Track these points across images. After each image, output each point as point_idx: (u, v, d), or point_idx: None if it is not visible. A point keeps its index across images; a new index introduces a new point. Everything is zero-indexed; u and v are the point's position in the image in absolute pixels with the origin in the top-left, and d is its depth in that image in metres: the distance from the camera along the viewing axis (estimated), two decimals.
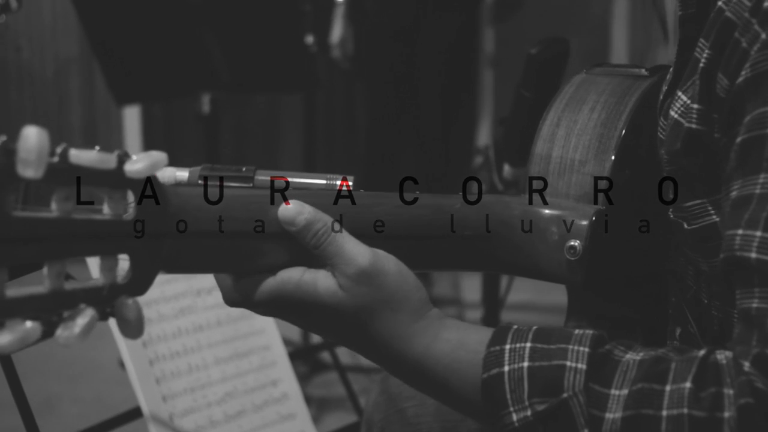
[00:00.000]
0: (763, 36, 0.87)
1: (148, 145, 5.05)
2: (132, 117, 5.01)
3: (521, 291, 3.12)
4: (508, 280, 2.94)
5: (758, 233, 0.84)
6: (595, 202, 1.06)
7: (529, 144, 1.13)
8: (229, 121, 4.90)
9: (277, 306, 0.94)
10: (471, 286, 3.99)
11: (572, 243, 1.03)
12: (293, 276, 0.92)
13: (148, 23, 3.09)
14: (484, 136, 5.05)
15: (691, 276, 1.05)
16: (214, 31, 3.06)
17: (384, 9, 4.04)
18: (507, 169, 1.96)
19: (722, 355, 0.86)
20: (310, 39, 3.40)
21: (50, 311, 0.76)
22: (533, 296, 3.68)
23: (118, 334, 1.40)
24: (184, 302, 1.68)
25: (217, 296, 1.61)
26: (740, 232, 0.86)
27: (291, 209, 0.91)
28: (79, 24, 3.24)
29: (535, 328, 0.93)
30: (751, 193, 0.86)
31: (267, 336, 1.75)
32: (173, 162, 0.85)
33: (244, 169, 1.01)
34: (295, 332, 3.36)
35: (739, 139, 0.88)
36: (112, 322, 0.83)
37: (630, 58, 4.78)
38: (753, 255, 0.84)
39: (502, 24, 5.06)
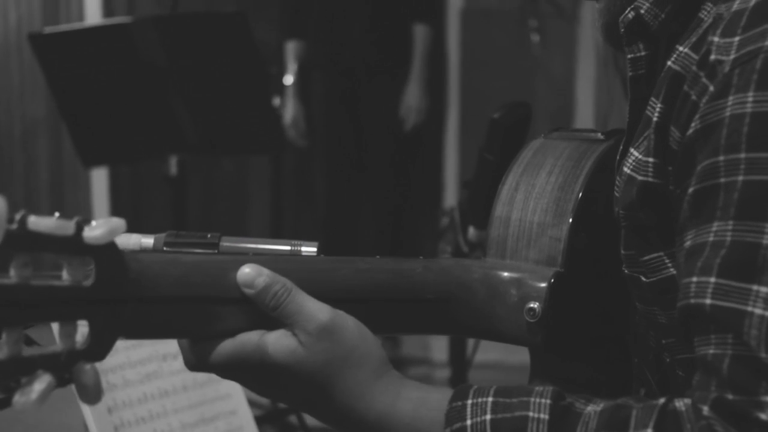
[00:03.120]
0: (711, 88, 0.89)
1: (116, 206, 5.03)
2: (99, 178, 5.00)
3: (488, 350, 3.12)
4: (475, 339, 2.94)
5: (712, 279, 0.85)
6: (554, 264, 1.07)
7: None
8: (197, 183, 4.90)
9: (235, 369, 0.94)
10: (439, 346, 3.99)
11: (531, 305, 1.04)
12: (252, 338, 0.92)
13: (115, 86, 3.10)
14: (450, 198, 5.08)
15: (652, 337, 1.06)
16: (181, 93, 3.08)
17: (328, 79, 4.19)
18: (472, 231, 1.98)
19: (681, 402, 0.87)
20: (277, 101, 3.43)
21: (8, 377, 0.76)
22: (500, 356, 3.68)
23: None
24: (149, 367, 1.67)
25: None
26: (695, 279, 0.86)
27: (249, 273, 0.92)
28: (47, 86, 3.24)
29: (496, 386, 0.94)
30: (705, 242, 0.86)
31: (233, 401, 1.74)
32: (140, 223, 0.85)
33: (209, 236, 1.02)
34: None
35: (691, 190, 0.89)
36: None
37: (595, 118, 4.83)
38: (708, 301, 0.85)
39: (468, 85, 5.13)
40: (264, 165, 4.76)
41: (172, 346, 1.70)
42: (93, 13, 4.97)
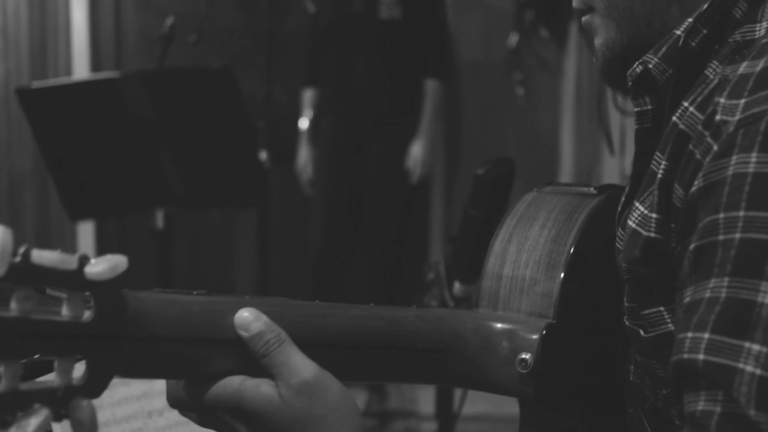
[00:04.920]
0: (715, 148, 0.90)
1: None
2: (86, 232, 5.00)
3: (476, 403, 3.12)
4: (462, 391, 2.93)
5: (706, 335, 0.85)
6: (546, 316, 1.08)
7: (478, 262, 1.14)
8: (183, 237, 4.90)
9: (214, 409, 0.95)
10: (425, 399, 3.98)
11: (523, 356, 1.04)
12: (234, 382, 0.93)
13: (102, 140, 3.12)
14: (435, 252, 5.09)
15: (648, 386, 1.06)
16: (168, 148, 3.09)
17: (335, 126, 4.25)
18: (457, 286, 1.98)
19: None
20: (263, 155, 3.46)
21: (4, 411, 0.76)
22: (488, 408, 3.67)
23: None
24: (135, 424, 1.66)
25: (169, 417, 1.60)
26: (690, 335, 0.86)
27: (247, 316, 0.93)
28: (34, 139, 3.26)
29: None
30: (701, 298, 0.87)
31: None
32: (126, 278, 0.86)
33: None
34: None
35: (692, 246, 0.89)
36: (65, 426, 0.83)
37: (578, 172, 4.85)
38: (701, 356, 0.85)
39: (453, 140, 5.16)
40: (251, 219, 4.77)
41: (157, 403, 1.69)
42: (81, 68, 5.00)
